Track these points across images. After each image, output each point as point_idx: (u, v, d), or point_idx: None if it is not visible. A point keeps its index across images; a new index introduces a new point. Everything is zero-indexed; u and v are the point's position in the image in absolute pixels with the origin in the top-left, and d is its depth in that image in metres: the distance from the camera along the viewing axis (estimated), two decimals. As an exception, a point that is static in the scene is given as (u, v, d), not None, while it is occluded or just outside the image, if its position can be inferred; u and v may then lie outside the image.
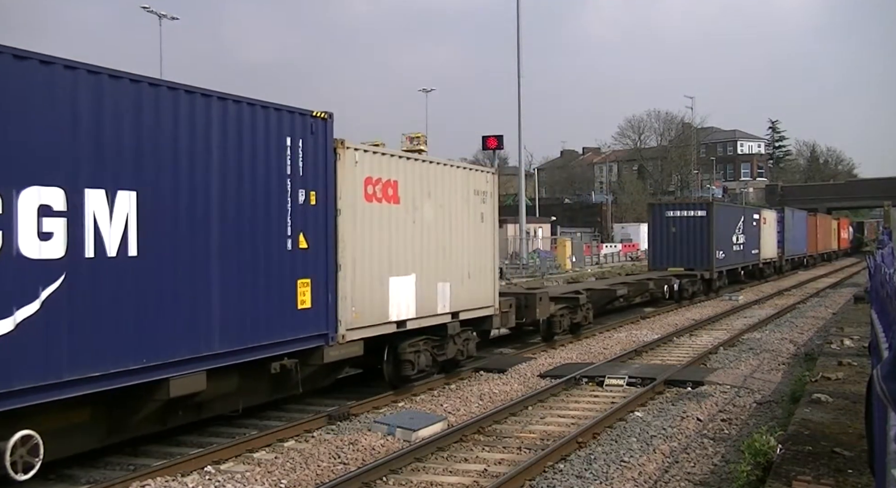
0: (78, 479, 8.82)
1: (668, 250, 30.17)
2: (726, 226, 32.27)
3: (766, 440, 8.30)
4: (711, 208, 30.69)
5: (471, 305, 14.19)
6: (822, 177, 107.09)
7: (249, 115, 9.48)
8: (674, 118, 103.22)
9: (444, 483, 8.57)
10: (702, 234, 30.01)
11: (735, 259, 33.77)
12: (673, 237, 30.24)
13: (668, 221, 30.31)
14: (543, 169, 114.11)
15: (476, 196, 14.62)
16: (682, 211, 30.77)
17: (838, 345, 15.84)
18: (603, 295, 22.40)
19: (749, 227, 36.09)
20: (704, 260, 29.90)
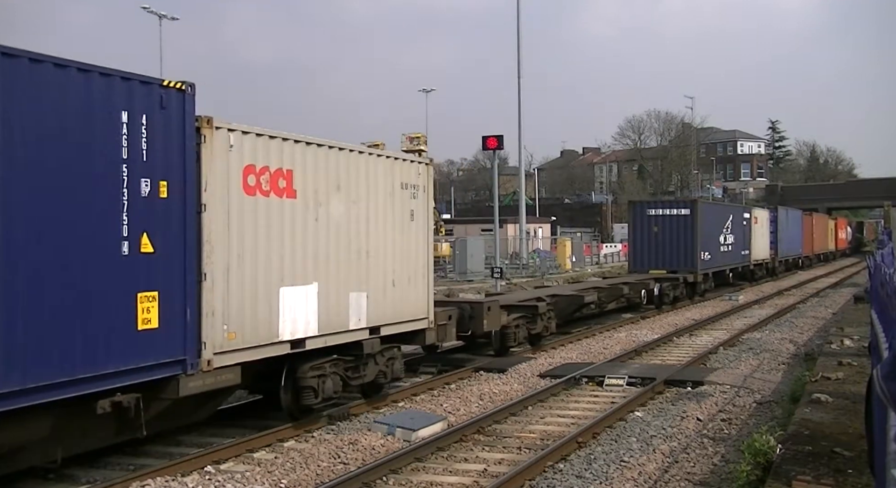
0: (78, 479, 8.82)
1: (650, 251, 28.46)
2: (712, 225, 30.48)
3: (766, 440, 8.29)
4: (696, 206, 28.83)
5: (396, 318, 12.08)
6: (822, 177, 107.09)
7: (58, 81, 7.24)
8: (674, 118, 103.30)
9: (444, 483, 8.57)
10: (685, 234, 28.21)
11: (722, 260, 31.88)
12: (655, 237, 28.46)
13: (649, 220, 28.55)
14: (543, 169, 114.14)
15: (404, 190, 12.38)
16: (665, 209, 28.83)
17: (838, 345, 15.83)
18: (570, 302, 20.28)
19: (738, 227, 34.29)
20: (688, 261, 28.13)
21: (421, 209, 12.89)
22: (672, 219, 28.41)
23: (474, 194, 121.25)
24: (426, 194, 13.11)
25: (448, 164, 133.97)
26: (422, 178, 12.95)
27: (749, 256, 36.28)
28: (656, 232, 28.36)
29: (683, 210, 28.56)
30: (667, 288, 26.25)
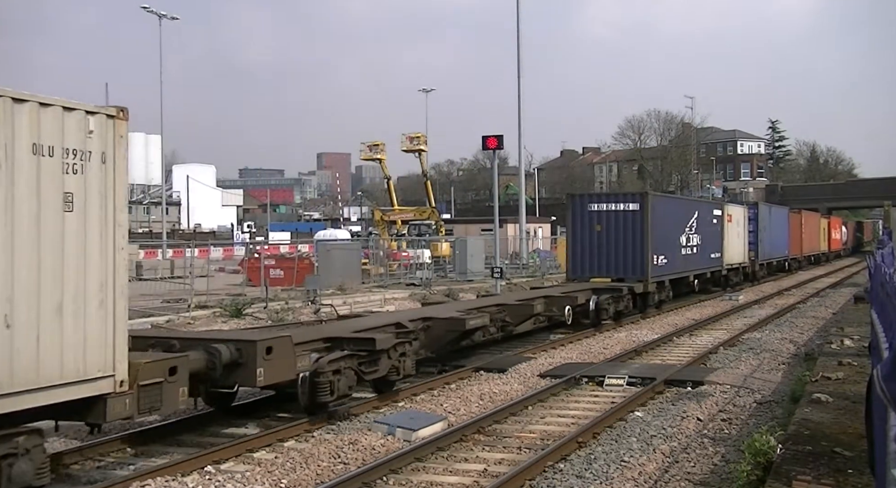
0: (78, 479, 8.82)
1: (592, 255, 23.76)
2: (670, 223, 25.66)
3: (766, 440, 8.29)
4: (646, 200, 23.89)
5: (26, 383, 7.06)
6: (822, 177, 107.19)
7: None
8: (674, 118, 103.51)
9: (444, 483, 8.57)
10: (634, 234, 23.46)
11: (684, 265, 26.91)
12: (598, 238, 23.75)
13: (591, 217, 23.80)
14: (543, 169, 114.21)
15: (50, 158, 7.34)
16: (610, 203, 24.02)
17: (838, 345, 15.83)
18: (444, 328, 14.41)
19: (706, 226, 29.39)
20: (637, 268, 23.38)
21: (94, 191, 7.77)
22: (618, 216, 23.61)
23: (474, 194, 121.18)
24: (109, 166, 7.93)
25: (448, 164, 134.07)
26: (99, 139, 7.83)
27: (721, 259, 31.47)
28: (599, 231, 23.74)
29: (631, 204, 23.70)
30: (605, 301, 20.92)
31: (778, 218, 42.97)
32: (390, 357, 12.17)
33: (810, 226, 53.22)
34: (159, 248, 51.16)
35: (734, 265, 33.72)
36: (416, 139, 52.59)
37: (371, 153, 52.73)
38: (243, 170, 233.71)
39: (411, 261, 40.08)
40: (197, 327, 20.96)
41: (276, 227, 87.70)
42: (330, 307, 23.57)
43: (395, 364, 12.30)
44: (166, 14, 50.34)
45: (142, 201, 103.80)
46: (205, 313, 23.75)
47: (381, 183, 74.04)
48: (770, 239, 39.89)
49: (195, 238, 61.75)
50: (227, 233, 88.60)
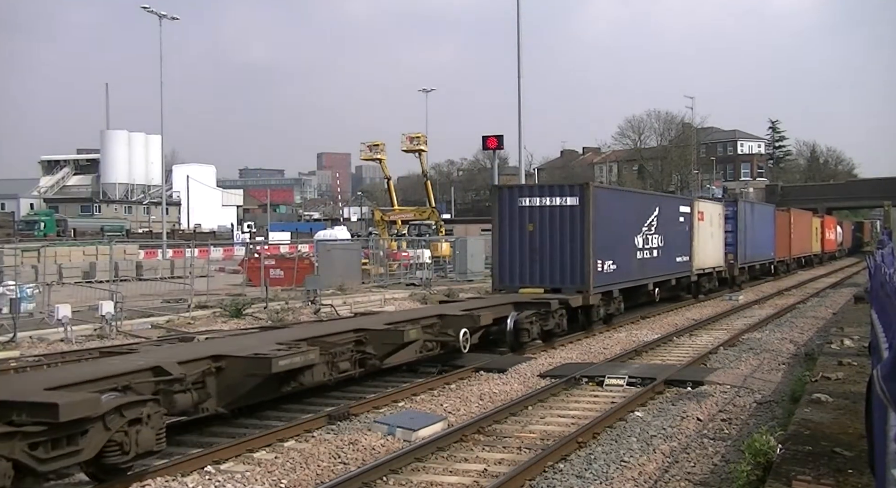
0: (78, 478, 8.81)
1: (523, 260, 19.89)
2: (621, 221, 21.80)
3: (766, 440, 8.29)
4: (587, 193, 19.51)
5: None
6: (822, 177, 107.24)
7: None
8: (674, 118, 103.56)
9: (444, 483, 8.57)
10: (574, 235, 19.54)
11: (641, 272, 23.15)
12: (529, 239, 19.85)
13: (521, 214, 19.94)
14: (543, 169, 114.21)
15: None
16: (544, 197, 19.95)
17: (838, 345, 15.83)
18: (239, 372, 10.27)
19: (670, 224, 25.47)
20: (577, 275, 19.45)
21: None
22: (554, 213, 19.74)
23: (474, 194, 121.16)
24: None
25: (448, 164, 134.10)
26: None
27: (690, 263, 27.53)
28: (531, 231, 19.82)
29: (569, 198, 19.65)
30: (528, 319, 16.91)
31: (762, 216, 39.03)
32: (108, 427, 7.87)
33: (800, 225, 49.20)
34: (159, 248, 51.16)
35: (707, 269, 29.72)
36: (416, 139, 52.59)
37: (371, 153, 52.74)
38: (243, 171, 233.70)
39: (411, 261, 40.09)
40: (197, 327, 20.97)
41: (276, 227, 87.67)
42: (330, 307, 23.59)
43: (119, 438, 7.97)
44: (166, 14, 50.32)
45: (142, 201, 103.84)
46: (205, 313, 23.76)
47: (382, 183, 74.07)
48: (752, 239, 36.07)
49: (195, 238, 61.73)
50: (227, 233, 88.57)
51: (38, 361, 14.38)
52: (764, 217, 39.63)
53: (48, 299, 22.52)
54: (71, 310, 19.27)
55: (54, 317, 19.52)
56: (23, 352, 16.63)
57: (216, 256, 47.00)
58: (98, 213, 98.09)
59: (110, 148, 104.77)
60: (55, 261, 37.34)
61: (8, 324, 19.07)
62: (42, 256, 34.44)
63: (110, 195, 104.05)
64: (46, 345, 18.08)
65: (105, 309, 19.75)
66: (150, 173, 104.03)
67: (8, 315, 19.61)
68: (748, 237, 35.34)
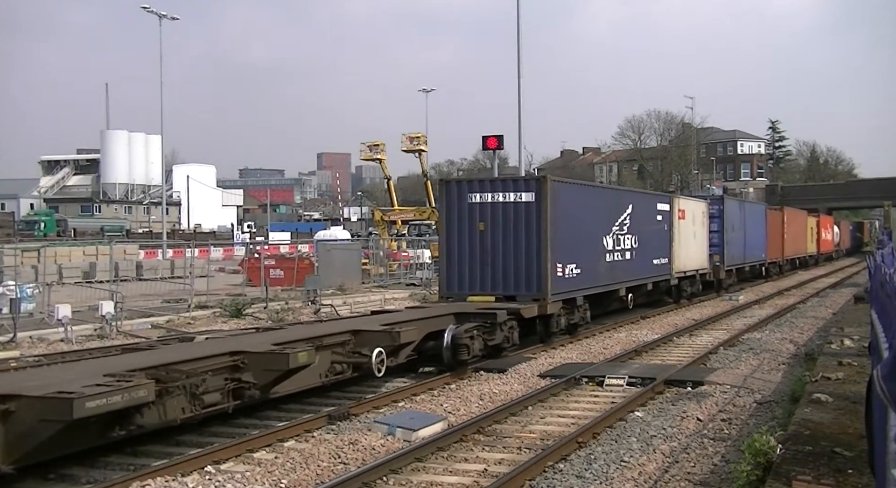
0: (78, 479, 8.82)
1: (473, 264, 17.76)
2: (587, 220, 19.55)
3: (766, 440, 8.29)
4: (545, 188, 17.36)
5: None
6: (822, 177, 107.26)
7: None
8: (674, 118, 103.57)
9: (444, 483, 8.57)
10: (529, 235, 17.43)
11: (610, 275, 20.95)
12: (480, 240, 17.68)
13: (471, 211, 17.78)
14: (543, 169, 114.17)
15: None
16: (497, 193, 17.71)
17: (838, 345, 15.82)
18: (31, 418, 7.88)
19: (646, 224, 23.51)
20: (533, 281, 17.35)
21: None
22: (508, 210, 17.59)
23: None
24: None
25: (448, 164, 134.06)
26: None
27: (669, 266, 25.49)
28: (482, 231, 17.67)
29: (525, 194, 17.47)
30: (468, 333, 14.52)
31: (752, 215, 37.01)
32: None
33: (794, 225, 47.02)
34: (159, 248, 51.17)
35: (689, 272, 27.63)
36: (416, 139, 52.57)
37: (371, 153, 52.73)
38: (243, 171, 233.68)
39: (411, 261, 40.09)
40: (197, 327, 20.98)
41: (276, 227, 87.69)
42: (330, 307, 23.60)
43: None
44: (166, 14, 50.31)
45: (142, 201, 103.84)
46: (205, 313, 23.77)
47: (382, 183, 74.05)
48: (740, 240, 34.11)
49: (195, 238, 61.72)
50: (227, 233, 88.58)
51: (38, 361, 14.37)
52: (754, 216, 37.60)
53: (48, 299, 22.52)
54: (71, 310, 19.28)
55: (54, 317, 19.53)
56: (23, 352, 16.63)
57: (216, 256, 47.01)
58: (98, 213, 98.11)
59: (110, 148, 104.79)
60: (55, 261, 37.36)
61: (8, 324, 19.07)
62: (42, 256, 34.44)
63: (110, 195, 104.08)
64: (46, 345, 18.08)
65: (105, 309, 19.76)
66: (150, 173, 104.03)
67: (8, 315, 19.62)
68: (736, 237, 33.35)
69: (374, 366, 12.34)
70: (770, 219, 40.32)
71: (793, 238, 45.77)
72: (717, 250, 31.04)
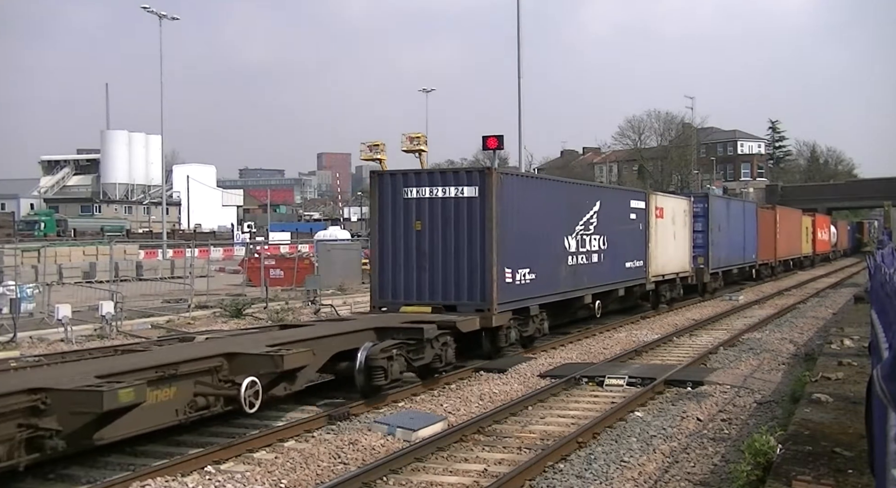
0: (78, 479, 8.82)
1: (409, 268, 15.60)
2: (543, 218, 17.23)
3: (766, 440, 8.29)
4: (489, 182, 15.09)
5: None
6: (822, 177, 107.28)
7: None
8: (674, 118, 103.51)
9: (444, 483, 8.57)
10: (472, 235, 15.24)
11: (573, 281, 18.64)
12: (417, 241, 15.59)
13: (407, 208, 15.63)
14: (543, 169, 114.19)
15: None
16: (435, 187, 15.49)
17: (838, 345, 15.83)
18: None
19: (617, 223, 21.33)
20: (476, 288, 15.15)
21: None
22: (448, 207, 15.40)
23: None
24: None
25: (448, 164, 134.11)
26: None
27: (645, 269, 23.32)
28: (419, 231, 15.59)
29: (467, 189, 15.30)
30: (385, 354, 12.18)
31: (741, 214, 35.15)
32: None
33: (788, 224, 45.02)
34: (159, 248, 51.18)
35: (668, 276, 25.42)
36: (416, 139, 52.52)
37: (371, 153, 52.67)
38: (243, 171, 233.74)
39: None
40: (197, 327, 20.98)
41: (277, 227, 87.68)
42: (330, 307, 23.60)
43: None
44: (166, 14, 50.33)
45: (142, 201, 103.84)
46: (205, 313, 23.78)
47: (382, 183, 73.77)
48: (728, 240, 32.07)
49: (195, 238, 61.71)
50: (227, 233, 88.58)
51: (38, 361, 14.36)
52: (743, 215, 35.53)
53: (48, 299, 22.52)
54: (71, 310, 19.28)
55: (54, 317, 19.53)
56: (23, 352, 16.63)
57: (216, 256, 47.04)
58: (98, 213, 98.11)
59: (110, 148, 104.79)
60: (55, 261, 37.39)
61: (8, 324, 19.08)
62: (42, 256, 34.48)
63: (110, 195, 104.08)
64: (46, 345, 18.08)
65: (105, 309, 19.76)
66: (150, 173, 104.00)
67: (8, 315, 19.63)
68: (723, 237, 31.20)
69: (244, 400, 9.94)
70: (761, 218, 38.50)
71: (786, 238, 43.93)
72: (702, 251, 29.15)
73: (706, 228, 29.39)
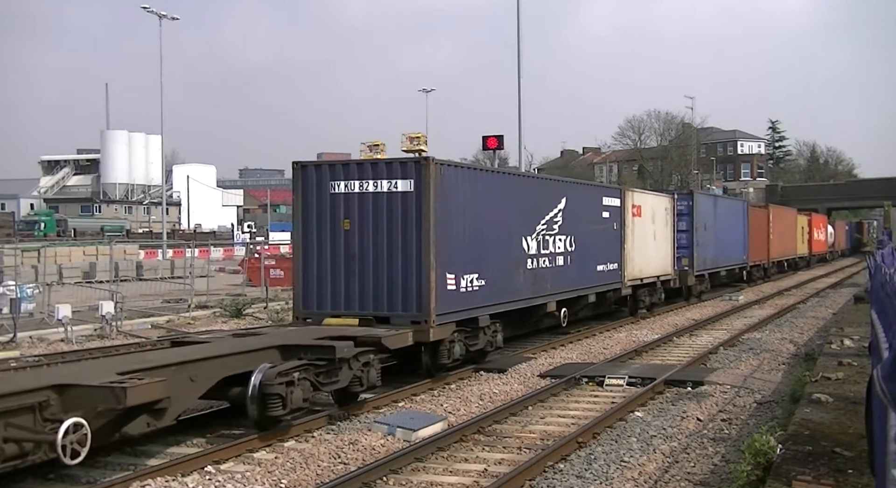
0: (78, 479, 8.82)
1: (336, 275, 13.72)
2: (494, 216, 15.33)
3: (766, 440, 8.29)
4: (426, 174, 13.21)
5: None
6: (822, 177, 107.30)
7: None
8: (674, 118, 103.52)
9: (444, 483, 8.57)
10: (407, 236, 13.38)
11: (533, 287, 16.79)
12: (345, 242, 13.72)
13: (334, 204, 13.79)
14: (543, 169, 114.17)
15: None
16: (365, 180, 13.64)
17: (838, 345, 15.83)
18: None
19: (585, 221, 19.45)
20: (411, 297, 13.27)
21: None
22: (381, 203, 13.57)
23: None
24: None
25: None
26: None
27: (620, 273, 21.61)
28: (348, 231, 13.71)
29: (401, 182, 13.47)
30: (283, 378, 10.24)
31: (730, 213, 33.29)
32: None
33: (782, 224, 43.07)
34: (159, 249, 51.19)
35: (647, 279, 23.79)
36: (416, 139, 52.47)
37: (371, 153, 52.56)
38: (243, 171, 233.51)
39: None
40: (197, 327, 20.99)
41: (277, 227, 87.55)
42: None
43: None
44: (166, 14, 50.35)
45: (142, 201, 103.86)
46: (205, 313, 23.79)
47: (382, 183, 73.75)
48: (715, 240, 30.08)
49: (195, 238, 61.72)
50: (227, 233, 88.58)
51: (38, 361, 14.37)
52: (733, 214, 33.78)
53: (48, 299, 22.53)
54: (71, 310, 19.29)
55: (54, 317, 19.54)
56: (23, 352, 16.64)
57: (216, 256, 47.06)
58: (98, 213, 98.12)
59: (110, 148, 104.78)
60: (55, 261, 37.40)
61: (8, 324, 19.08)
62: (42, 256, 34.48)
63: (110, 195, 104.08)
64: (46, 345, 18.09)
65: (105, 309, 19.77)
66: (150, 173, 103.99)
67: (8, 315, 19.63)
68: (709, 237, 29.29)
69: (60, 448, 7.89)
70: (753, 217, 36.48)
71: (780, 238, 41.96)
72: (686, 252, 27.28)
73: (691, 227, 27.63)
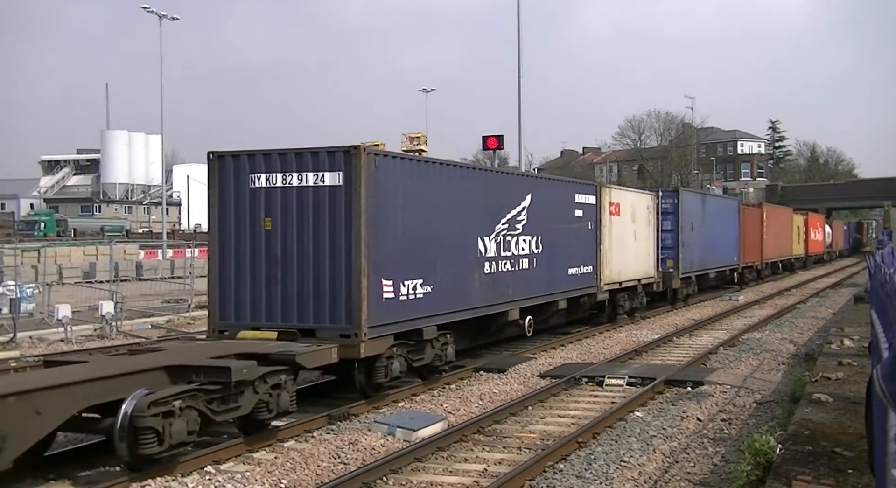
0: (78, 479, 8.81)
1: (255, 281, 12.03)
2: (441, 214, 13.57)
3: (766, 440, 8.30)
4: (357, 165, 11.63)
5: None
6: (822, 177, 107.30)
7: None
8: (674, 118, 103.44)
9: (444, 483, 8.57)
10: (336, 236, 11.71)
11: (490, 294, 15.05)
12: (267, 243, 12.05)
13: (254, 200, 12.10)
14: (543, 169, 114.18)
15: None
16: (289, 173, 11.99)
17: (838, 345, 15.83)
18: None
19: (554, 220, 17.79)
20: (340, 307, 11.58)
21: None
22: (306, 199, 11.91)
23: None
24: None
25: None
26: None
27: (596, 276, 19.92)
28: (269, 230, 12.05)
29: (328, 175, 11.82)
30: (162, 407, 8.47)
31: (720, 212, 31.59)
32: None
33: (777, 224, 41.44)
34: (159, 248, 51.16)
35: (627, 282, 21.98)
36: (416, 139, 52.51)
37: (371, 153, 52.63)
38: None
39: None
40: (197, 327, 20.98)
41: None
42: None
43: None
44: (166, 14, 50.31)
45: (142, 201, 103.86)
46: (205, 313, 23.73)
47: (381, 183, 73.72)
48: (703, 241, 28.19)
49: (195, 238, 61.67)
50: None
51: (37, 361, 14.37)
52: (723, 213, 32.04)
53: (48, 299, 22.53)
54: (71, 310, 19.29)
55: (54, 317, 19.54)
56: (23, 353, 16.64)
57: (216, 256, 46.85)
58: (98, 213, 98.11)
59: (110, 148, 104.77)
60: (55, 261, 37.39)
61: (8, 324, 19.08)
62: (42, 256, 34.48)
63: (110, 195, 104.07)
64: (46, 345, 18.09)
65: (105, 309, 19.77)
66: (150, 173, 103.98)
67: (8, 315, 19.63)
68: (697, 237, 27.45)
69: None
70: (745, 216, 34.78)
71: (774, 238, 40.27)
72: (671, 253, 25.47)
73: (676, 227, 25.73)
